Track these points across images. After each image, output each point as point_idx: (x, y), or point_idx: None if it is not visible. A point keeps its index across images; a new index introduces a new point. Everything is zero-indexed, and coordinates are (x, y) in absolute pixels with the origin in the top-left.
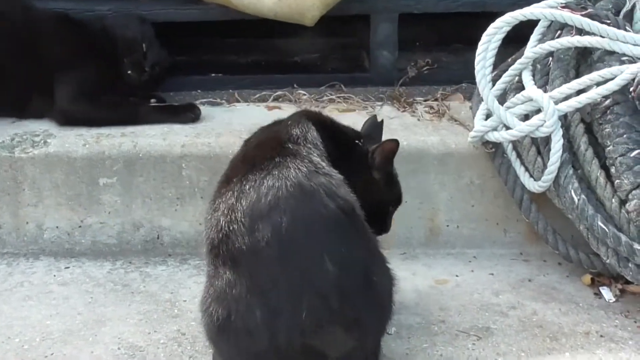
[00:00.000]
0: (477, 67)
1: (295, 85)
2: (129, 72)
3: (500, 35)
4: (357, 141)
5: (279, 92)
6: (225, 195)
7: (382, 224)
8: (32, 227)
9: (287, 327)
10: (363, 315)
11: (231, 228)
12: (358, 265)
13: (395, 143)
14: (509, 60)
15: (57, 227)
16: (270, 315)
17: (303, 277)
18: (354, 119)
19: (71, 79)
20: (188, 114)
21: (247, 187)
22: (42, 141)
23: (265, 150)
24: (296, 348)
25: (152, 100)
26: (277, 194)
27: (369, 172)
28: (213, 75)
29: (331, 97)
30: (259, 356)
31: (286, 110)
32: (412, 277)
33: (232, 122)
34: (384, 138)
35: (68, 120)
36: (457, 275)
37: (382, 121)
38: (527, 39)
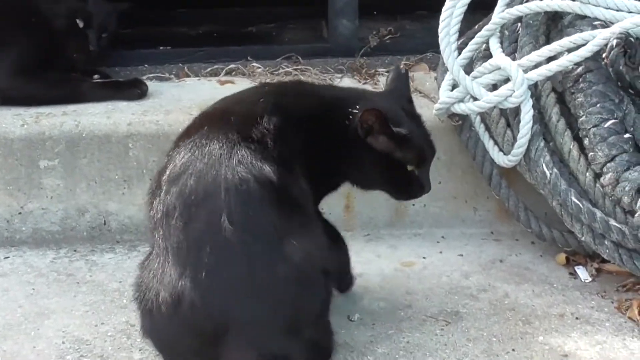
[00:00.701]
0: (441, 35)
1: (249, 58)
2: (75, 55)
3: (466, 1)
4: (350, 110)
5: (232, 66)
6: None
7: (407, 186)
8: None
9: (190, 289)
10: (270, 282)
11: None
12: (266, 229)
13: (370, 113)
14: (476, 27)
15: None
16: (177, 277)
17: (202, 236)
18: None
19: (5, 55)
20: (134, 90)
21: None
22: None
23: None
24: (199, 315)
25: (95, 76)
26: (191, 160)
27: (363, 142)
28: (161, 48)
29: (287, 69)
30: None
31: (239, 85)
32: (376, 259)
33: (181, 98)
34: None
35: (5, 99)
36: (424, 257)
37: (406, 72)
38: (494, 5)
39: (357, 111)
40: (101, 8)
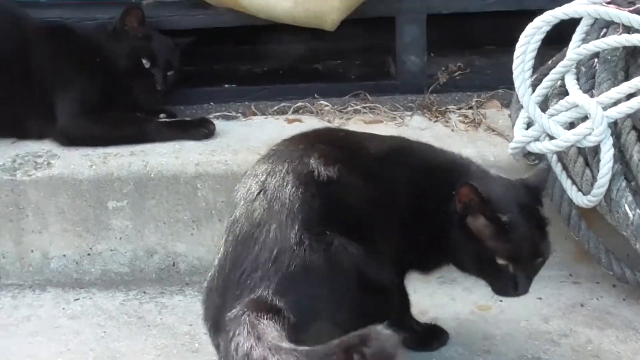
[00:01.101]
0: (515, 72)
1: (316, 95)
2: (141, 95)
3: (540, 36)
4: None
5: (299, 103)
6: None
7: (497, 280)
8: (37, 256)
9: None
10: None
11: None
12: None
13: (468, 188)
14: (550, 62)
15: (63, 255)
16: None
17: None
18: (382, 131)
19: (71, 95)
20: (201, 130)
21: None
22: (45, 162)
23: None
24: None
25: (162, 115)
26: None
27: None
28: (227, 86)
29: (356, 107)
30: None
31: (307, 123)
32: (451, 302)
33: (249, 137)
34: None
35: (70, 140)
36: (501, 301)
37: (549, 167)
38: (568, 39)
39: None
40: (166, 46)
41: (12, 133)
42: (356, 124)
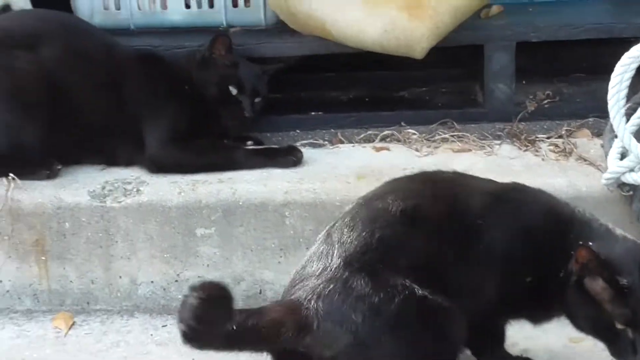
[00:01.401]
0: (610, 102)
1: (402, 123)
2: (228, 122)
3: (636, 65)
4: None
5: (386, 132)
6: None
7: (614, 344)
8: (125, 282)
9: None
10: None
11: None
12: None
13: (586, 251)
14: None
15: (151, 281)
16: None
17: None
18: (471, 160)
19: (160, 123)
20: (289, 158)
21: None
22: (135, 189)
23: None
24: None
25: (249, 143)
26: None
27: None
28: (313, 113)
29: (444, 135)
30: None
31: (394, 152)
32: (543, 334)
33: (337, 165)
34: (503, 178)
35: (159, 167)
36: None
37: None
38: None
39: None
40: (253, 74)
41: (102, 159)
42: (444, 153)
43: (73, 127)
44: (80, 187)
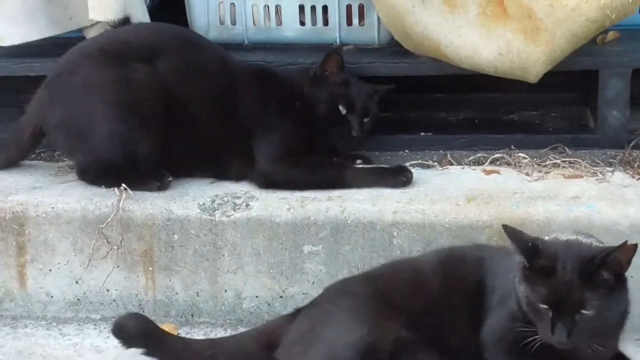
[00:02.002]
0: None
1: (512, 147)
2: (337, 141)
3: None
4: None
5: (497, 155)
6: None
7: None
8: (230, 296)
9: None
10: None
11: None
12: None
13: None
14: None
15: (256, 296)
16: None
17: None
18: (582, 187)
19: (272, 139)
20: (399, 178)
21: None
22: (244, 204)
23: None
24: None
25: (358, 162)
26: None
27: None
28: (422, 134)
29: (555, 160)
30: None
31: (505, 175)
32: None
33: (446, 187)
34: (615, 207)
35: (269, 183)
36: None
37: None
38: None
39: None
40: (363, 93)
41: (213, 173)
42: (555, 178)
43: (186, 140)
44: (190, 199)
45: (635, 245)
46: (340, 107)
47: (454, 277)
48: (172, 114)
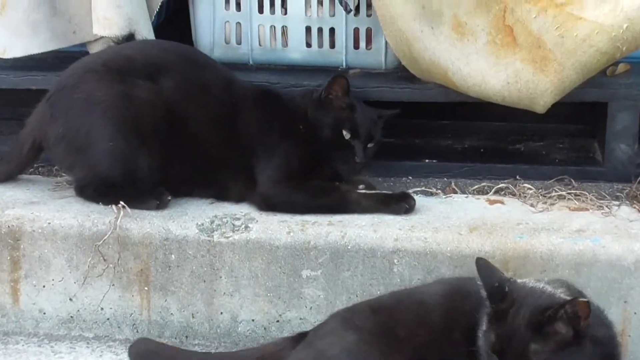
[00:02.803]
0: None
1: (517, 177)
2: (339, 166)
3: None
4: None
5: (501, 184)
6: None
7: None
8: (226, 318)
9: None
10: None
11: None
12: None
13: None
14: None
15: (252, 320)
16: None
17: None
18: (588, 220)
19: (274, 161)
20: (402, 204)
21: None
22: (244, 226)
23: None
24: None
25: (360, 187)
26: None
27: None
28: (427, 161)
29: (560, 192)
30: None
31: (509, 206)
32: None
33: (450, 216)
34: (620, 241)
35: (270, 205)
36: None
37: None
38: None
39: None
40: (368, 118)
41: (212, 193)
42: (560, 210)
43: (187, 159)
44: (189, 219)
45: (588, 302)
46: (344, 132)
47: (458, 312)
48: (173, 132)
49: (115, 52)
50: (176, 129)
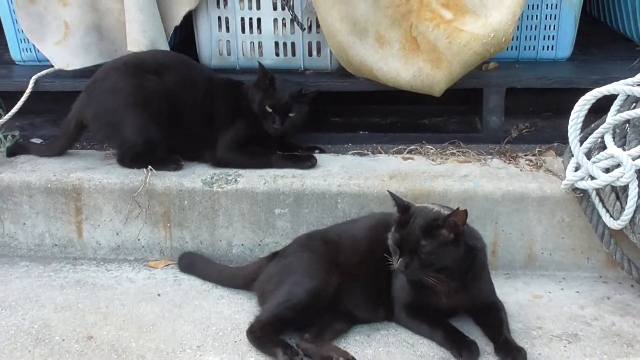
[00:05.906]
0: (570, 130)
1: (424, 142)
2: (270, 132)
3: (588, 106)
4: None
5: (412, 147)
6: None
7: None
8: (224, 244)
9: None
10: None
11: None
12: None
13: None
14: (592, 125)
15: (242, 244)
16: None
17: None
18: (470, 169)
19: (227, 132)
20: (306, 162)
21: None
22: (234, 180)
23: None
24: None
25: (316, 151)
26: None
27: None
28: (361, 132)
29: (452, 151)
30: None
31: (417, 161)
32: (514, 292)
33: (376, 169)
34: (492, 182)
35: (219, 164)
36: (550, 292)
37: None
38: (602, 110)
39: None
40: (287, 95)
41: (192, 157)
42: (452, 163)
43: (180, 134)
44: (196, 177)
45: (465, 211)
46: (267, 107)
47: (379, 239)
48: (173, 114)
49: (132, 56)
50: (174, 112)
